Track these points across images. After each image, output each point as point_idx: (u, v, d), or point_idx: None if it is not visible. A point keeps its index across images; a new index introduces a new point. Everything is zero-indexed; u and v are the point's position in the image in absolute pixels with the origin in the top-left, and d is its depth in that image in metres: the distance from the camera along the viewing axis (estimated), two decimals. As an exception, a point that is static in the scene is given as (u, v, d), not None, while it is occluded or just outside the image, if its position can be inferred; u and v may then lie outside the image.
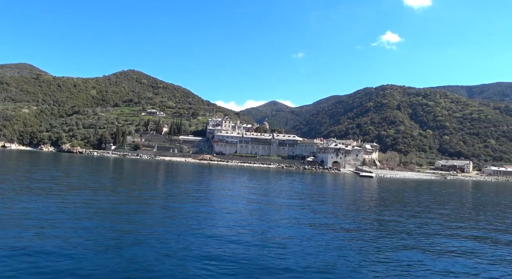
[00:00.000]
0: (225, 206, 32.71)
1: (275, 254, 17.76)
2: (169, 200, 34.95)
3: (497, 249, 22.11)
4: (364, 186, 74.39)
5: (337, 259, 17.66)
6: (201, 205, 32.18)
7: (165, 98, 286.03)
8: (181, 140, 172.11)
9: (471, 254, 20.35)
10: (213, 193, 43.80)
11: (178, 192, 42.63)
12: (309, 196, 47.83)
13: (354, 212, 34.29)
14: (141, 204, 30.48)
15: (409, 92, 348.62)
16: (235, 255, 17.24)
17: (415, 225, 28.65)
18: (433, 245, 21.82)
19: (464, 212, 39.60)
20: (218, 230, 22.29)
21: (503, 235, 26.70)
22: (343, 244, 20.67)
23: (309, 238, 21.46)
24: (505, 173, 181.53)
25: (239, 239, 20.22)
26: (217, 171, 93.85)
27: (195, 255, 16.91)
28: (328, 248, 19.57)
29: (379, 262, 17.62)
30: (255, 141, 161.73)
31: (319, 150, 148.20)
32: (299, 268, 16.03)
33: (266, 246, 19.07)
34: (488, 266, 18.40)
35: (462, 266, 18.06)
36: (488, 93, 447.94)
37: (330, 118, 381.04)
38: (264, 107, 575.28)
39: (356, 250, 19.55)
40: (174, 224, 23.01)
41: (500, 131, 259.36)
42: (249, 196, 43.51)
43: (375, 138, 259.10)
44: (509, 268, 18.12)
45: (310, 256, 17.87)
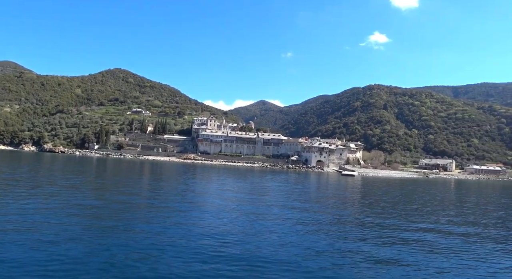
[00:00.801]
0: (194, 204, 32.41)
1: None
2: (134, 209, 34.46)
3: (443, 239, 23.42)
4: (342, 184, 74.74)
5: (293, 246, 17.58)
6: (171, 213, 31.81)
7: (151, 97, 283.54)
8: (166, 139, 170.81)
9: (416, 242, 20.80)
10: (181, 195, 43.39)
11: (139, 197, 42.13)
12: (277, 193, 47.79)
13: (316, 209, 34.31)
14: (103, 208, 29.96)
15: (395, 92, 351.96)
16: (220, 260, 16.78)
17: (372, 219, 28.75)
18: (380, 237, 22.55)
19: (426, 209, 39.99)
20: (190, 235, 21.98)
21: (452, 227, 27.00)
22: (296, 234, 20.61)
23: (271, 232, 21.35)
24: (486, 172, 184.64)
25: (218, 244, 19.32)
26: (197, 171, 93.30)
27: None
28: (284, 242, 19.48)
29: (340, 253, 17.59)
30: (240, 140, 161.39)
31: (303, 149, 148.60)
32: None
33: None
34: (434, 255, 19.30)
35: (408, 254, 19.14)
36: (473, 94, 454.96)
37: (318, 118, 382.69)
38: (253, 107, 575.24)
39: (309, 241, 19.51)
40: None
41: (483, 130, 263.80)
42: (222, 193, 43.25)
43: (361, 137, 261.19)
44: (454, 259, 18.94)
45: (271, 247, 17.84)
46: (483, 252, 20.72)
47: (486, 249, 21.58)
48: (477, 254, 20.12)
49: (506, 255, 20.38)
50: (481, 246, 22.19)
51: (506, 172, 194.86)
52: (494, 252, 20.91)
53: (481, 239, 24.72)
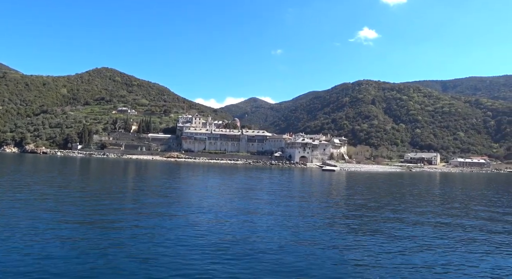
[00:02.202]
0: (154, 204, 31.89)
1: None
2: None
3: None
4: (314, 180, 74.60)
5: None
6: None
7: (139, 96, 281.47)
8: (150, 138, 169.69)
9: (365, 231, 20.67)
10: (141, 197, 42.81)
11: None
12: (244, 189, 47.43)
13: (271, 202, 34.02)
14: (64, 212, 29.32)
15: (384, 87, 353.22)
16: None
17: (315, 212, 28.53)
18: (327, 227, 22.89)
19: (382, 201, 39.89)
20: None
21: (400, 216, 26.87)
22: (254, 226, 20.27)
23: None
24: (470, 165, 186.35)
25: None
26: (175, 170, 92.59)
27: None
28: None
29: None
30: (224, 137, 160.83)
31: (287, 145, 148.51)
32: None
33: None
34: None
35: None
36: (461, 87, 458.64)
37: (307, 114, 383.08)
38: (244, 104, 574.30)
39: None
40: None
41: (469, 123, 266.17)
42: (187, 195, 42.77)
43: (349, 132, 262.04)
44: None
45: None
46: (442, 242, 20.95)
47: (439, 238, 21.86)
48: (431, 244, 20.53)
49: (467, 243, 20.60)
50: (433, 234, 22.95)
51: (490, 164, 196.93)
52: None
53: (433, 227, 25.19)
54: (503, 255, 18.73)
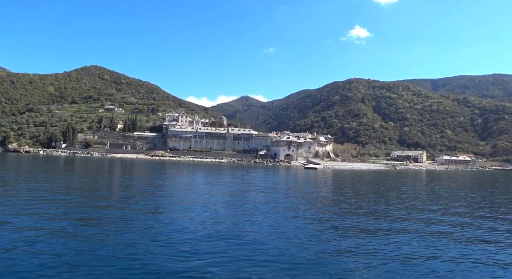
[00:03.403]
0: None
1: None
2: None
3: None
4: (292, 178, 74.42)
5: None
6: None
7: (127, 94, 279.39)
8: (136, 136, 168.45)
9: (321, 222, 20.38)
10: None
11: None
12: (215, 187, 47.08)
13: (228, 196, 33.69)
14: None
15: (373, 85, 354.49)
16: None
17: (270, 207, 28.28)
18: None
19: (343, 198, 39.78)
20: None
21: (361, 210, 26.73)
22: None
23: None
24: (456, 162, 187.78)
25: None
26: (157, 168, 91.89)
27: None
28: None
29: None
30: (210, 136, 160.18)
31: (272, 143, 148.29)
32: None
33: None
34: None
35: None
36: (451, 86, 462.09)
37: (298, 112, 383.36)
38: (236, 102, 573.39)
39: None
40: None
41: (456, 122, 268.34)
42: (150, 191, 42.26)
43: (338, 130, 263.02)
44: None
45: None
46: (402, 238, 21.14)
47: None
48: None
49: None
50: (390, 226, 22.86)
51: (476, 162, 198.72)
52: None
53: (390, 221, 25.77)
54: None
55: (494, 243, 21.05)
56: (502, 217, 30.87)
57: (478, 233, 23.54)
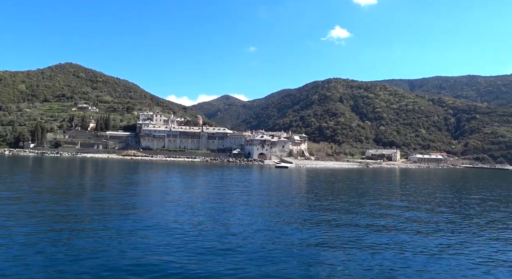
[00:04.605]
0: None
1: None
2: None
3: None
4: (260, 177, 73.91)
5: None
6: None
7: (103, 93, 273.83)
8: (108, 135, 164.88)
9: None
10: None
11: None
12: (163, 187, 46.02)
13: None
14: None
15: (352, 85, 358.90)
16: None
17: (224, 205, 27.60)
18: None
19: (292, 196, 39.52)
20: None
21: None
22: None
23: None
24: (428, 161, 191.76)
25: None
26: (126, 168, 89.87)
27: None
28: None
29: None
30: (184, 135, 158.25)
31: (246, 142, 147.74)
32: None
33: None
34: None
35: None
36: (427, 86, 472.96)
37: (278, 111, 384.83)
38: (216, 102, 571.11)
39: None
40: None
41: (431, 121, 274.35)
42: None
43: (316, 129, 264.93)
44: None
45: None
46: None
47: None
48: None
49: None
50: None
51: (448, 160, 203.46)
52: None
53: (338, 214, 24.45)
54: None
55: (445, 233, 22.75)
56: (441, 210, 31.18)
57: (422, 225, 25.01)
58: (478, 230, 24.66)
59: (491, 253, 18.81)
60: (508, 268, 16.60)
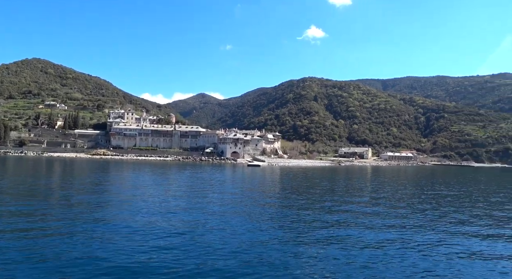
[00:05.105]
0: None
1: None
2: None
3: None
4: (227, 176, 73.32)
5: None
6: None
7: (73, 90, 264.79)
8: (77, 134, 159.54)
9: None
10: None
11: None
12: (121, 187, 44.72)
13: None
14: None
15: (326, 84, 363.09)
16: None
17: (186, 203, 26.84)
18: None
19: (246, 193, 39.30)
20: None
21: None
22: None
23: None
24: (398, 158, 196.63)
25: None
26: (95, 167, 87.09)
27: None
28: None
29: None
30: (156, 133, 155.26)
31: (219, 141, 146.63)
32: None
33: None
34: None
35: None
36: (399, 86, 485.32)
37: (253, 110, 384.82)
38: (192, 100, 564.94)
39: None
40: None
41: (402, 120, 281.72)
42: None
43: (291, 128, 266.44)
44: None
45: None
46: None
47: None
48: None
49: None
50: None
51: (417, 158, 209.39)
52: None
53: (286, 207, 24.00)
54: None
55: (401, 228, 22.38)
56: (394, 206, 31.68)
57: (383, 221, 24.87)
58: (429, 224, 25.10)
59: (434, 245, 19.14)
60: (444, 259, 16.87)
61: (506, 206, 36.69)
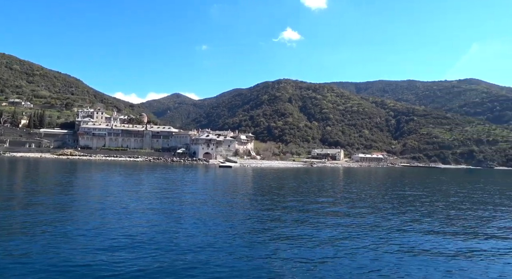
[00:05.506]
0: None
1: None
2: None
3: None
4: (195, 177, 72.32)
5: None
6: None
7: (40, 87, 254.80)
8: (43, 133, 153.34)
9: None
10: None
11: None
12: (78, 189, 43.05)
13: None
14: None
15: (301, 86, 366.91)
16: None
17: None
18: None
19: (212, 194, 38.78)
20: None
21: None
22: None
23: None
24: (369, 160, 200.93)
25: None
26: (61, 168, 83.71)
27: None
28: None
29: None
30: (127, 133, 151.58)
31: (192, 141, 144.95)
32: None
33: None
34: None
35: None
36: (372, 90, 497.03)
37: (228, 111, 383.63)
38: (166, 100, 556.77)
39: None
40: None
41: (373, 122, 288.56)
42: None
43: (265, 129, 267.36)
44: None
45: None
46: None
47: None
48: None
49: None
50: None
51: (388, 159, 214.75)
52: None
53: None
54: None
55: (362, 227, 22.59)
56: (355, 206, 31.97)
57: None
58: (385, 223, 25.36)
59: (384, 243, 19.27)
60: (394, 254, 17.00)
61: (462, 205, 37.83)
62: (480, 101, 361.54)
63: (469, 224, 26.58)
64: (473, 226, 25.90)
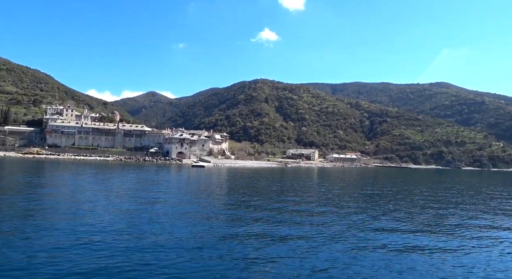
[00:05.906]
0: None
1: None
2: None
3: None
4: (167, 178, 70.98)
5: None
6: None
7: (6, 82, 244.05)
8: (7, 131, 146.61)
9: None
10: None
11: None
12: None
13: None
14: None
15: (277, 86, 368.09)
16: None
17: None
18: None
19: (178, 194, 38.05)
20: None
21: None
22: None
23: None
24: (343, 160, 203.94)
25: None
26: (26, 167, 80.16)
27: None
28: None
29: None
30: (97, 131, 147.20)
31: (165, 140, 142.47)
32: None
33: None
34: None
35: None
36: (347, 91, 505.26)
37: (205, 110, 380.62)
38: (141, 98, 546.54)
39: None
40: None
41: (348, 123, 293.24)
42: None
43: (241, 129, 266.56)
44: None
45: None
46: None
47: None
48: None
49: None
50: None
51: (361, 159, 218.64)
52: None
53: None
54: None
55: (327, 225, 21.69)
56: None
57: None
58: (346, 221, 25.40)
59: (340, 239, 19.20)
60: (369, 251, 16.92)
61: (425, 204, 38.66)
62: (450, 104, 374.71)
63: (428, 222, 27.06)
64: (431, 224, 26.38)
